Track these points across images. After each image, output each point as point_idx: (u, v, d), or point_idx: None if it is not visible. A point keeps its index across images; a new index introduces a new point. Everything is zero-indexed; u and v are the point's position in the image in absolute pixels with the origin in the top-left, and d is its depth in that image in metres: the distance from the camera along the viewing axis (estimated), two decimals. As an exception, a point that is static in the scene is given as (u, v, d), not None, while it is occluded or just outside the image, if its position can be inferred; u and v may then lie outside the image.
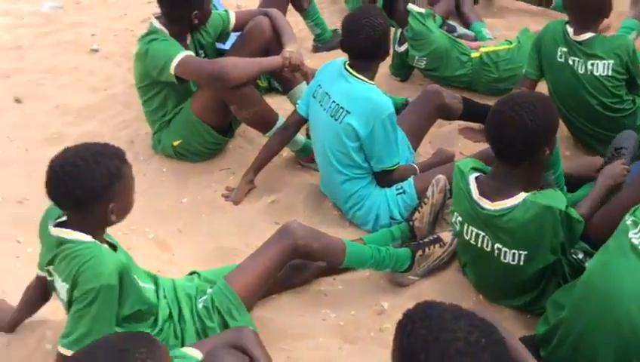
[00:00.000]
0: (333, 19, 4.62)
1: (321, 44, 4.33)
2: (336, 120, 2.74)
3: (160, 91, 3.22)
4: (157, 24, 3.15)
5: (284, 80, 3.45)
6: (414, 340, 1.28)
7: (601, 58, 2.90)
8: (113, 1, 5.33)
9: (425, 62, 3.70)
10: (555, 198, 2.14)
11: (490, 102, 3.51)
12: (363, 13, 2.77)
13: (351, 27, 2.72)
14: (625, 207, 1.95)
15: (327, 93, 2.80)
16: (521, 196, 2.16)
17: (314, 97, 2.89)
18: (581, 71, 2.96)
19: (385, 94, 2.79)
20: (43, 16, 5.14)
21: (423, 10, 3.61)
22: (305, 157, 3.28)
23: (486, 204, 2.21)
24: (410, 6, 3.62)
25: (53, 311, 2.28)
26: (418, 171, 2.91)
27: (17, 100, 3.98)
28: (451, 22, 4.34)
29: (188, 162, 3.36)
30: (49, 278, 2.08)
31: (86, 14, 5.13)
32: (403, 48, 3.76)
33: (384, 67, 3.94)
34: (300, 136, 3.26)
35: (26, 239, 2.71)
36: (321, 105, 2.82)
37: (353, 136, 2.72)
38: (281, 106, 3.46)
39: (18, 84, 4.18)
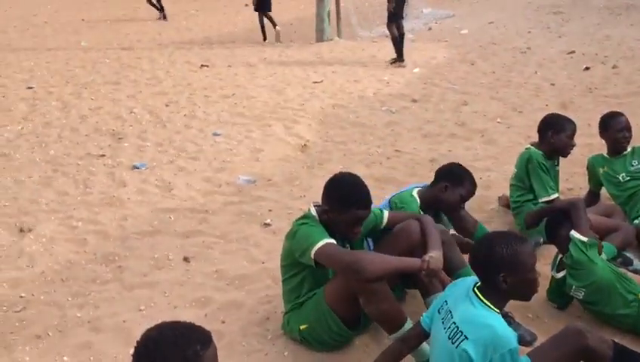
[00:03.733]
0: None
1: None
2: (453, 343, 2.55)
3: (299, 272, 3.31)
4: (313, 211, 3.33)
5: (423, 285, 3.35)
6: None
7: None
8: (298, 182, 5.76)
9: (583, 294, 3.37)
10: None
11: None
12: (498, 236, 2.65)
13: (480, 248, 2.62)
14: None
15: (450, 312, 2.65)
16: None
17: (439, 312, 2.75)
18: None
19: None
20: (236, 188, 5.71)
21: (585, 239, 3.36)
22: (430, 373, 3.07)
23: None
24: (573, 233, 3.40)
25: None
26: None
27: (186, 259, 4.36)
28: (629, 254, 3.97)
29: (311, 350, 3.32)
30: None
31: (272, 190, 5.60)
32: (561, 275, 3.48)
33: (542, 291, 3.69)
34: (428, 348, 3.08)
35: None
36: (443, 323, 2.66)
37: (468, 363, 2.50)
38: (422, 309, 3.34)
39: (192, 244, 4.60)
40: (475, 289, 2.61)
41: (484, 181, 5.64)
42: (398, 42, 10.59)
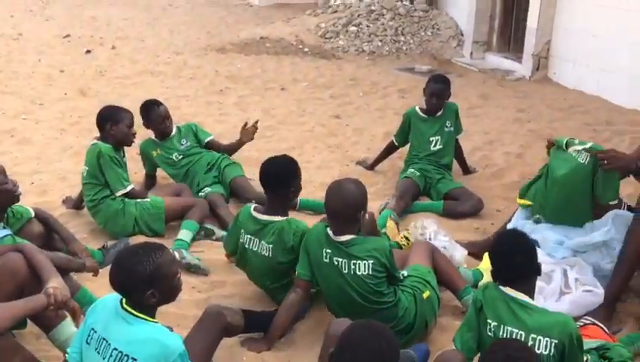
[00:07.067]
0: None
1: None
2: (122, 371, 2.46)
3: None
4: None
5: (44, 319, 3.05)
6: None
7: (361, 259, 3.09)
8: None
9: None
10: None
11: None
12: (135, 253, 2.55)
13: (118, 272, 2.49)
14: None
15: (104, 339, 2.50)
16: None
17: (88, 344, 2.57)
18: (345, 270, 3.12)
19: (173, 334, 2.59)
20: None
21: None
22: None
23: None
24: None
25: None
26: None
27: None
28: (209, 225, 4.38)
29: None
30: None
31: None
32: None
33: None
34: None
35: None
36: (99, 353, 2.50)
37: (143, 384, 2.45)
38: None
39: None
40: (125, 305, 2.53)
41: (36, 186, 5.29)
42: None
